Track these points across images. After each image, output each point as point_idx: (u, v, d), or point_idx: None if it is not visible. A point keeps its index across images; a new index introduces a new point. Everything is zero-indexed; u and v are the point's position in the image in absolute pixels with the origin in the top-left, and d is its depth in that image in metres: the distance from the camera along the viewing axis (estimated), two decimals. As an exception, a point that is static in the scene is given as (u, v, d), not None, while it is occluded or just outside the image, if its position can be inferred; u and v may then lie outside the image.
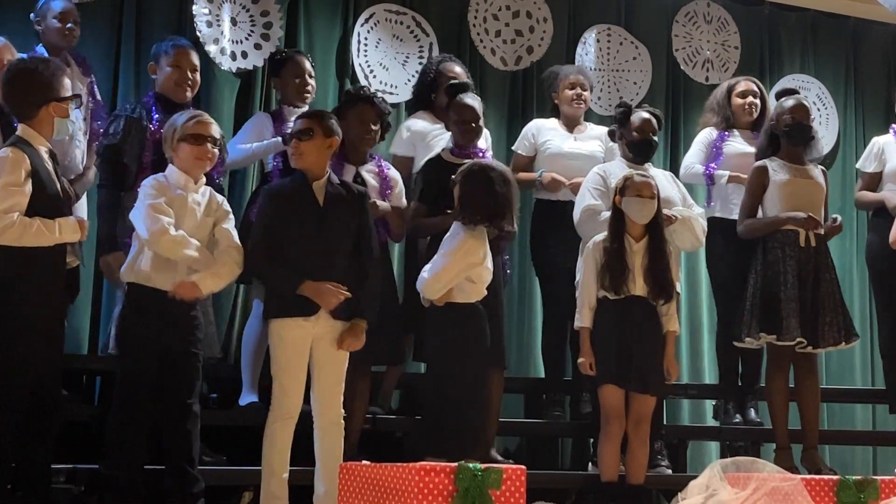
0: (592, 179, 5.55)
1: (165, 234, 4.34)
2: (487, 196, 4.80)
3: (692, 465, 6.28)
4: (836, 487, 4.87)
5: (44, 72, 4.31)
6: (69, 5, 5.38)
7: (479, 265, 4.77)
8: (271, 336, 4.60)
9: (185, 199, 4.48)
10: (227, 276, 4.55)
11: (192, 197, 4.51)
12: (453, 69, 5.95)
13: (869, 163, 6.38)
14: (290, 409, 4.53)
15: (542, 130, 6.12)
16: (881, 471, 6.99)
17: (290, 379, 4.54)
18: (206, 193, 4.59)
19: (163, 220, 4.36)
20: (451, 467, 4.09)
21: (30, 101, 4.29)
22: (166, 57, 5.10)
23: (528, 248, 6.43)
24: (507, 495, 4.20)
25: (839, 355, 7.05)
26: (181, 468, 4.45)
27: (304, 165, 4.64)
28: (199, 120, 4.56)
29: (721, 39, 7.61)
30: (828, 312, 5.54)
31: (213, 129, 4.59)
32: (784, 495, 4.58)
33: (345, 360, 4.65)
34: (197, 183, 4.55)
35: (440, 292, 4.76)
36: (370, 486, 4.33)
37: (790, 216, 5.54)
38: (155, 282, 4.42)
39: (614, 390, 5.09)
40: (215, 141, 4.58)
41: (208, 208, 4.56)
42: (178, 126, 4.53)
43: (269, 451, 4.52)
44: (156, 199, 4.40)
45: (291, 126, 5.51)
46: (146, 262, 4.42)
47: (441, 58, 6.15)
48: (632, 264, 5.10)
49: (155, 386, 4.44)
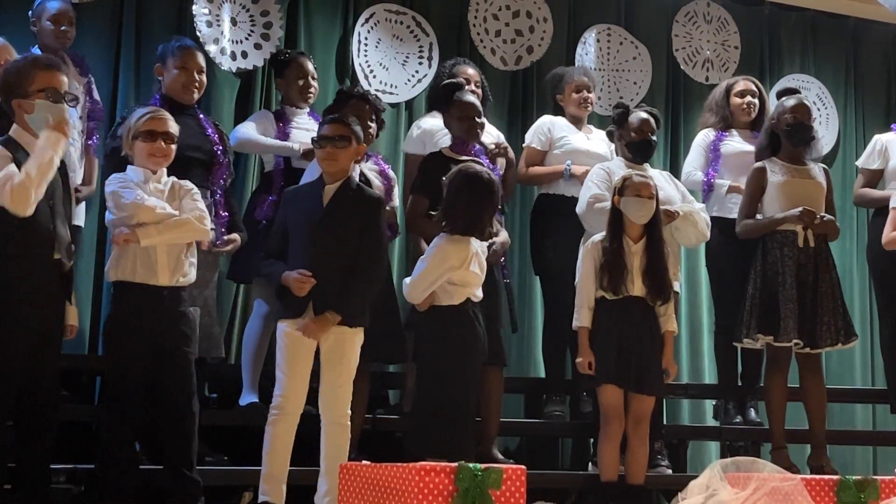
0: (597, 174, 5.57)
1: (140, 203, 4.35)
2: (469, 205, 4.77)
3: (692, 465, 6.29)
4: (836, 487, 4.86)
5: (10, 69, 4.32)
6: (64, 7, 5.37)
7: (459, 269, 4.75)
8: (280, 335, 4.61)
9: (146, 191, 4.46)
10: (177, 229, 4.46)
11: (153, 186, 4.49)
12: (466, 71, 6.00)
13: (872, 160, 6.37)
14: (290, 407, 4.54)
15: (556, 126, 6.14)
16: (881, 471, 7.00)
17: (292, 379, 4.54)
18: (168, 183, 4.56)
19: (135, 191, 4.38)
20: (451, 467, 4.09)
21: (6, 100, 4.29)
22: (173, 58, 5.09)
23: (528, 248, 6.44)
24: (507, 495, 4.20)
25: (839, 355, 7.05)
26: (179, 470, 4.45)
27: (335, 170, 4.67)
28: (152, 116, 4.53)
29: (721, 39, 7.61)
30: (826, 313, 5.54)
31: (168, 125, 4.54)
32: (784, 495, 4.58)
33: (352, 361, 4.64)
34: (156, 174, 4.53)
35: (422, 297, 4.76)
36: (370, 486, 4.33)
37: (786, 215, 5.55)
38: (141, 276, 4.40)
39: (613, 390, 5.09)
40: (170, 136, 4.52)
41: (171, 193, 4.53)
42: (132, 123, 4.53)
43: (267, 446, 4.53)
44: (122, 184, 4.42)
45: (295, 126, 5.56)
46: (129, 258, 4.41)
47: (455, 61, 6.20)
48: (630, 265, 5.10)
49: (149, 385, 4.43)
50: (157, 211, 4.39)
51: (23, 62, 4.38)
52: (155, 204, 4.41)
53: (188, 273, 4.52)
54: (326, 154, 4.65)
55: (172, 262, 4.45)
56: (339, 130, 4.68)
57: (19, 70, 4.30)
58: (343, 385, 4.63)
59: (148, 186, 4.47)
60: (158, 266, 4.42)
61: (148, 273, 4.41)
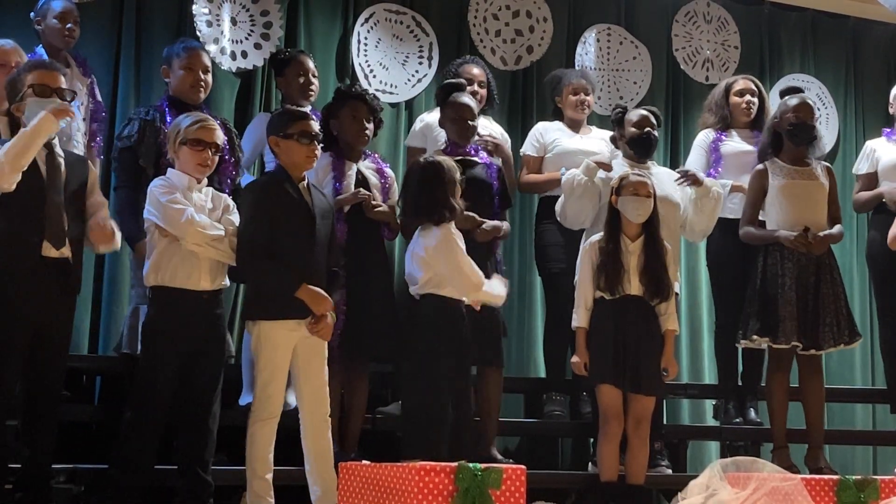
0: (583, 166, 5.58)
1: (193, 222, 4.37)
2: (419, 193, 4.86)
3: (692, 465, 6.28)
4: (836, 487, 4.87)
5: (8, 79, 4.43)
6: (69, 5, 5.38)
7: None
8: (258, 338, 4.55)
9: (190, 199, 4.48)
10: (214, 251, 4.48)
11: (196, 196, 4.52)
12: (471, 70, 6.02)
13: (862, 165, 6.38)
14: (272, 411, 4.52)
15: (548, 131, 6.18)
16: (881, 471, 6.99)
17: (275, 381, 4.53)
18: (209, 193, 4.60)
19: (187, 209, 4.39)
20: (451, 467, 4.09)
21: (10, 108, 4.39)
22: (178, 59, 5.10)
23: (528, 248, 6.42)
24: (507, 495, 4.20)
25: (839, 355, 7.04)
26: (193, 470, 4.46)
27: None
28: (203, 125, 4.54)
29: (721, 39, 7.61)
30: (829, 314, 5.53)
31: (217, 135, 4.57)
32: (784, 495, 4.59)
33: (324, 355, 4.64)
34: (200, 183, 4.56)
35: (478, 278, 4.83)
36: (370, 486, 4.33)
37: (781, 235, 5.54)
38: (181, 282, 4.42)
39: (611, 390, 5.08)
40: (218, 147, 4.57)
41: (214, 205, 4.57)
42: (182, 129, 4.53)
43: (251, 451, 4.51)
44: (171, 195, 4.42)
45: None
46: (169, 262, 4.42)
47: (463, 59, 6.23)
48: (627, 264, 5.10)
49: (177, 387, 4.44)
50: (206, 233, 4.41)
51: (17, 70, 4.48)
52: (206, 224, 4.42)
53: (225, 277, 4.58)
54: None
55: (214, 267, 4.49)
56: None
57: (13, 78, 4.41)
58: (326, 382, 4.63)
59: (191, 195, 4.49)
60: (201, 272, 4.45)
61: (189, 279, 4.43)
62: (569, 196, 5.49)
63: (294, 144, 4.59)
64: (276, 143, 4.62)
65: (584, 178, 5.43)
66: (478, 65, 6.14)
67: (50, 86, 4.31)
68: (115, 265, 5.82)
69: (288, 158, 4.61)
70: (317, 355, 4.60)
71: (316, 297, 4.51)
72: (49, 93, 4.28)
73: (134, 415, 4.43)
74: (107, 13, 6.09)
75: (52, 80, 4.33)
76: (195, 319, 4.45)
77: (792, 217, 5.60)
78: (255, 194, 4.59)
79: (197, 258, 4.43)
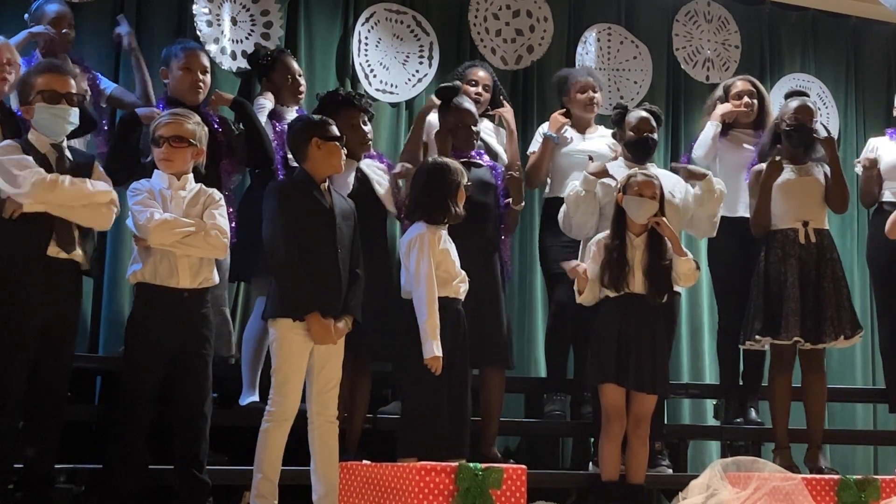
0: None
1: (151, 220, 4.35)
2: (422, 192, 4.88)
3: (693, 464, 6.29)
4: (836, 487, 4.88)
5: (19, 80, 4.51)
6: (63, 9, 5.38)
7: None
8: (275, 337, 4.55)
9: (167, 197, 4.46)
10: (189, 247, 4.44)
11: (176, 193, 4.49)
12: (477, 74, 6.02)
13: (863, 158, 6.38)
14: (287, 412, 4.51)
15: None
16: (882, 470, 6.99)
17: (290, 382, 4.51)
18: (194, 189, 4.55)
19: (147, 211, 4.37)
20: (452, 467, 4.09)
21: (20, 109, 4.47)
22: (176, 60, 5.10)
23: (528, 248, 6.41)
24: (507, 495, 4.21)
25: (840, 354, 7.05)
26: (188, 471, 4.45)
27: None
28: (159, 122, 4.54)
29: (721, 38, 7.60)
30: (830, 308, 5.53)
31: (175, 128, 4.50)
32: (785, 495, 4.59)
33: (341, 358, 4.64)
34: (180, 180, 4.52)
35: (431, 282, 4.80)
36: (370, 486, 4.34)
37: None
38: (162, 279, 4.41)
39: (614, 389, 5.08)
40: (182, 140, 4.49)
41: (195, 199, 4.52)
42: (152, 128, 4.55)
43: (261, 453, 4.49)
44: (138, 196, 4.43)
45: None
46: (150, 260, 4.41)
47: (470, 63, 6.23)
48: (631, 259, 5.10)
49: (165, 387, 4.43)
50: (173, 231, 4.37)
51: (28, 70, 4.53)
52: (171, 222, 4.38)
53: (212, 274, 4.54)
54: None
55: (195, 264, 4.46)
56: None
57: (23, 79, 4.46)
58: (337, 386, 4.63)
59: (175, 193, 4.47)
60: (180, 269, 4.43)
61: (169, 276, 4.42)
62: (573, 211, 5.48)
63: (335, 147, 4.62)
64: (318, 146, 4.62)
65: (584, 191, 5.41)
66: (484, 68, 6.14)
67: (59, 91, 4.34)
68: (116, 265, 5.82)
69: (326, 161, 4.62)
70: (332, 358, 4.59)
71: (321, 330, 4.49)
72: (58, 98, 4.32)
73: (118, 413, 4.43)
74: (106, 13, 6.08)
75: (61, 86, 4.36)
76: (177, 317, 4.42)
77: (790, 212, 5.61)
78: (278, 198, 4.58)
79: (174, 256, 4.41)
